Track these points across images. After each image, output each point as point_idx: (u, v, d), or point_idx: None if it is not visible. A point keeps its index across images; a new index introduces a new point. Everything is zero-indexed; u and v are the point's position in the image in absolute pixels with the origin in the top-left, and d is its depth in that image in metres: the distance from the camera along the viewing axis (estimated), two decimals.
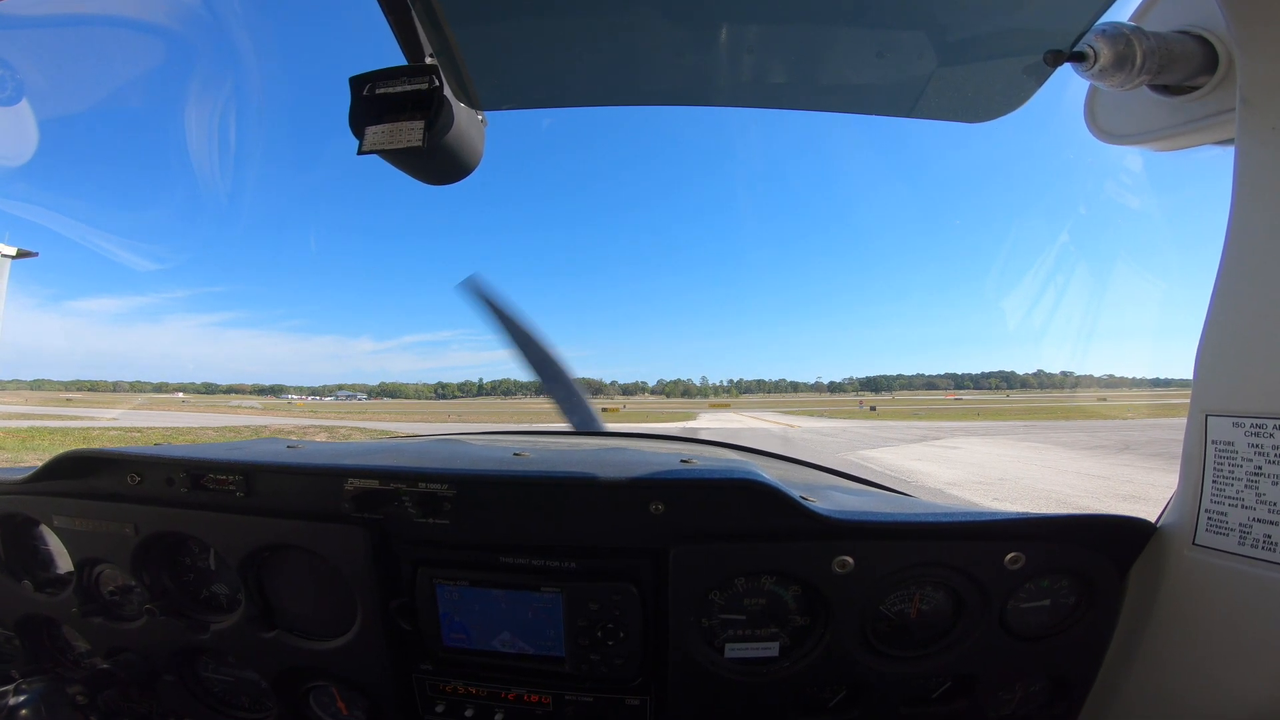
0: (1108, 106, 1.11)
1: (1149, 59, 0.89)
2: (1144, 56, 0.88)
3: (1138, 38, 0.88)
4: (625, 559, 1.09)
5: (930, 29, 1.00)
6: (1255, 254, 0.84)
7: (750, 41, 1.07)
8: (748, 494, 1.02)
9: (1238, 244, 0.86)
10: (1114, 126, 1.10)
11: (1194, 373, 0.92)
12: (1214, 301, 0.90)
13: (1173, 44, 0.90)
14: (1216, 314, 0.90)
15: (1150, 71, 0.90)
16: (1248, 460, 0.85)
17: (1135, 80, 0.91)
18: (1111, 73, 0.90)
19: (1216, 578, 0.89)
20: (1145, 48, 0.88)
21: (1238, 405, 0.86)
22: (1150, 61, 0.89)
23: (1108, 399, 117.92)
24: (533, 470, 1.08)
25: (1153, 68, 0.89)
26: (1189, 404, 0.94)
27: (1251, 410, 0.85)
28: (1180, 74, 0.93)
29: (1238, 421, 0.86)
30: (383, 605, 1.14)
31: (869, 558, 1.02)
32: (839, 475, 1.84)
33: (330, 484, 1.14)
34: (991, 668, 1.10)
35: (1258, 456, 0.84)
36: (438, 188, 1.28)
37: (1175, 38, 0.91)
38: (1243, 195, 0.84)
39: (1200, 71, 0.92)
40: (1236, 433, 0.86)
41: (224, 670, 1.34)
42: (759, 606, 1.09)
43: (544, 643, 1.11)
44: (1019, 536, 1.03)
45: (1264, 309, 0.83)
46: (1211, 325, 0.90)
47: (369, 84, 1.07)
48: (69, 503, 1.27)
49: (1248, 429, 0.85)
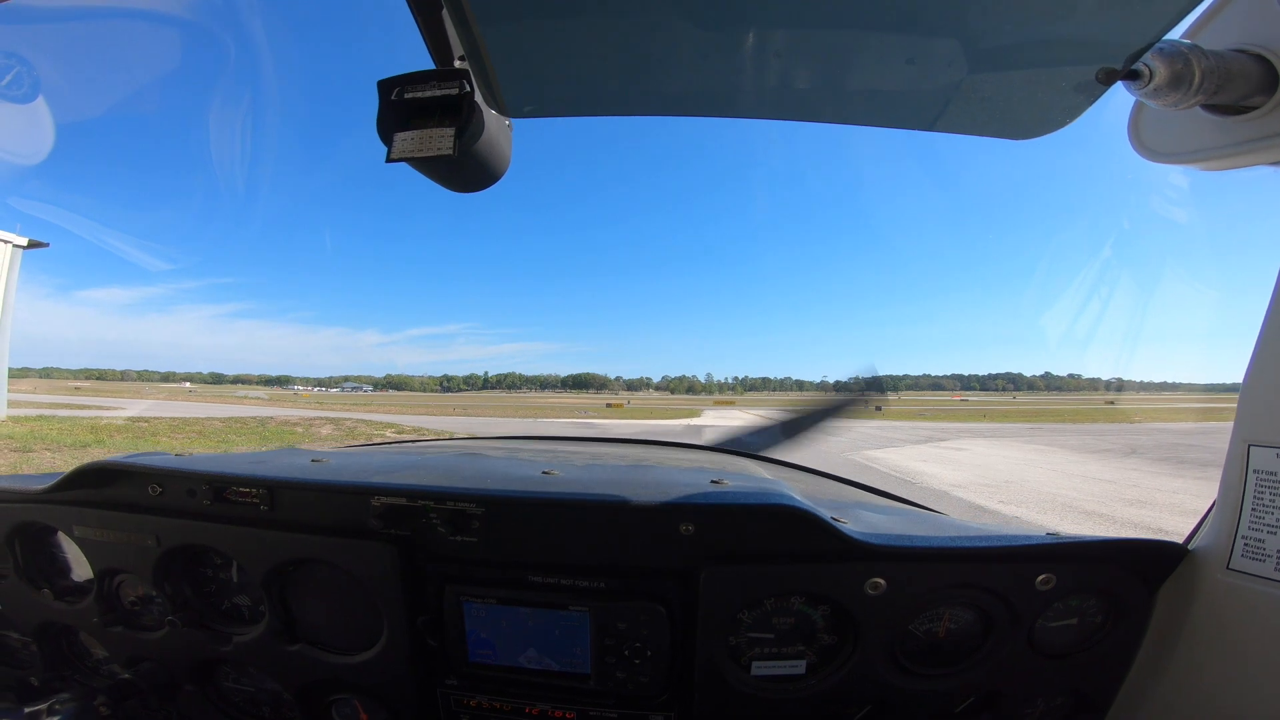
0: (1154, 124, 1.07)
1: (1207, 78, 0.85)
2: (1202, 76, 0.85)
3: (1196, 56, 0.85)
4: (654, 579, 1.08)
5: (970, 40, 0.96)
6: None
7: (778, 46, 1.04)
8: (781, 519, 1.01)
9: None
10: (1160, 145, 1.07)
11: (1239, 402, 0.93)
12: (1264, 332, 0.89)
13: (1231, 63, 0.87)
14: (1266, 345, 0.88)
15: (1207, 92, 0.87)
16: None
17: (1190, 100, 0.88)
18: (1166, 92, 0.87)
19: (1251, 602, 0.91)
20: (1204, 67, 0.85)
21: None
22: (1209, 81, 0.86)
23: (1116, 402, 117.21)
24: (564, 492, 1.07)
25: (1210, 88, 0.86)
26: (1230, 432, 0.95)
27: None
28: (1236, 94, 0.89)
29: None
30: (409, 621, 1.13)
31: (901, 579, 1.01)
32: (864, 489, 1.82)
33: (356, 499, 1.13)
34: (1017, 684, 1.10)
35: None
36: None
37: (1233, 56, 0.88)
38: None
39: (1258, 91, 0.89)
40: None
41: (245, 681, 1.33)
42: (787, 625, 1.08)
43: (570, 660, 1.10)
44: (1051, 558, 1.02)
45: None
46: (1260, 356, 0.90)
47: (397, 88, 1.03)
48: (89, 513, 1.26)
49: None
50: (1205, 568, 0.99)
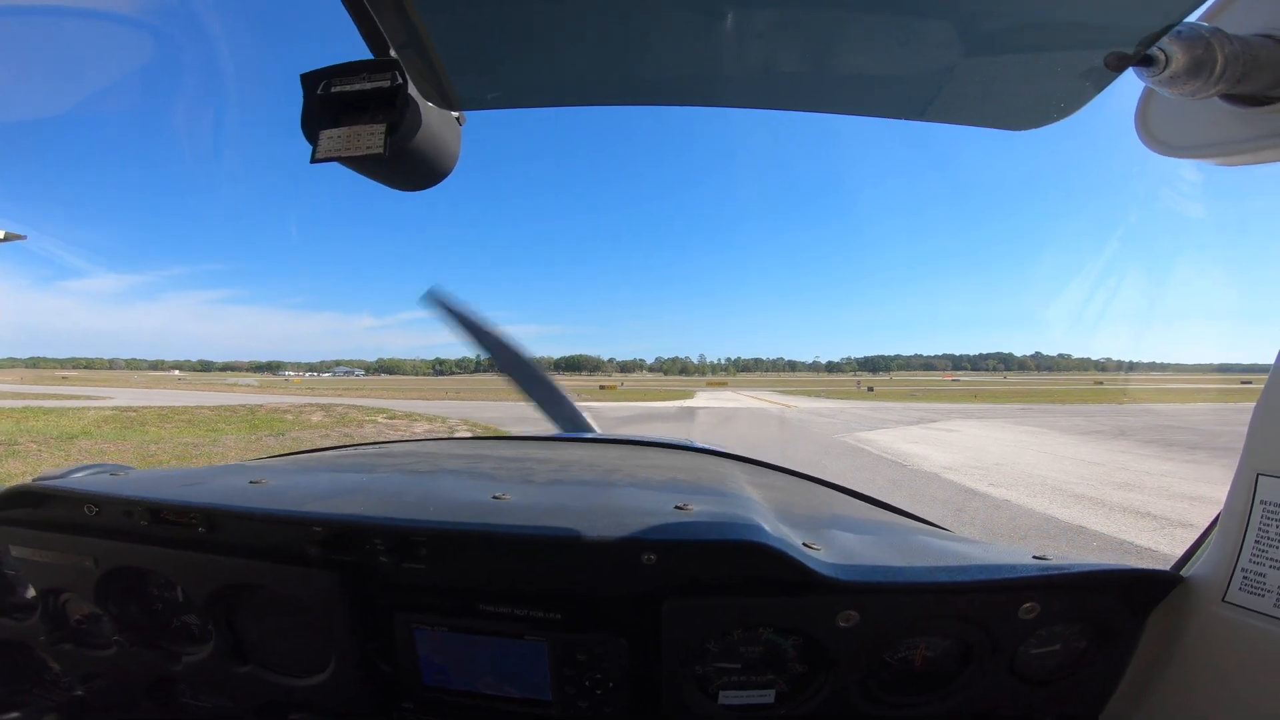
0: (1166, 115, 0.98)
1: (1230, 66, 0.76)
2: (1225, 63, 0.76)
3: (1219, 41, 0.75)
4: (614, 608, 1.02)
5: (967, 21, 0.86)
6: None
7: (760, 27, 0.95)
8: (746, 554, 0.94)
9: None
10: (1172, 137, 0.98)
11: (1249, 429, 0.88)
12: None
13: (1257, 49, 0.77)
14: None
15: (1230, 80, 0.77)
16: None
17: (1211, 89, 0.78)
18: (1184, 80, 0.78)
19: (1247, 635, 0.87)
20: (1228, 53, 0.75)
21: None
22: (1232, 69, 0.76)
23: (1104, 382, 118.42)
24: (513, 526, 0.99)
25: (1233, 77, 0.77)
26: (1239, 460, 0.90)
27: None
28: (1261, 83, 0.80)
29: None
30: (358, 647, 1.08)
31: (876, 611, 0.95)
32: (848, 494, 1.75)
33: (295, 526, 1.06)
34: (997, 711, 1.06)
35: None
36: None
37: (1259, 42, 0.78)
38: None
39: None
40: None
41: (202, 698, 1.28)
42: (756, 654, 1.02)
43: (529, 687, 1.05)
44: (1037, 587, 0.97)
45: None
46: (1274, 383, 0.83)
47: (324, 81, 0.94)
48: (26, 533, 1.20)
49: None
50: (1199, 598, 0.95)
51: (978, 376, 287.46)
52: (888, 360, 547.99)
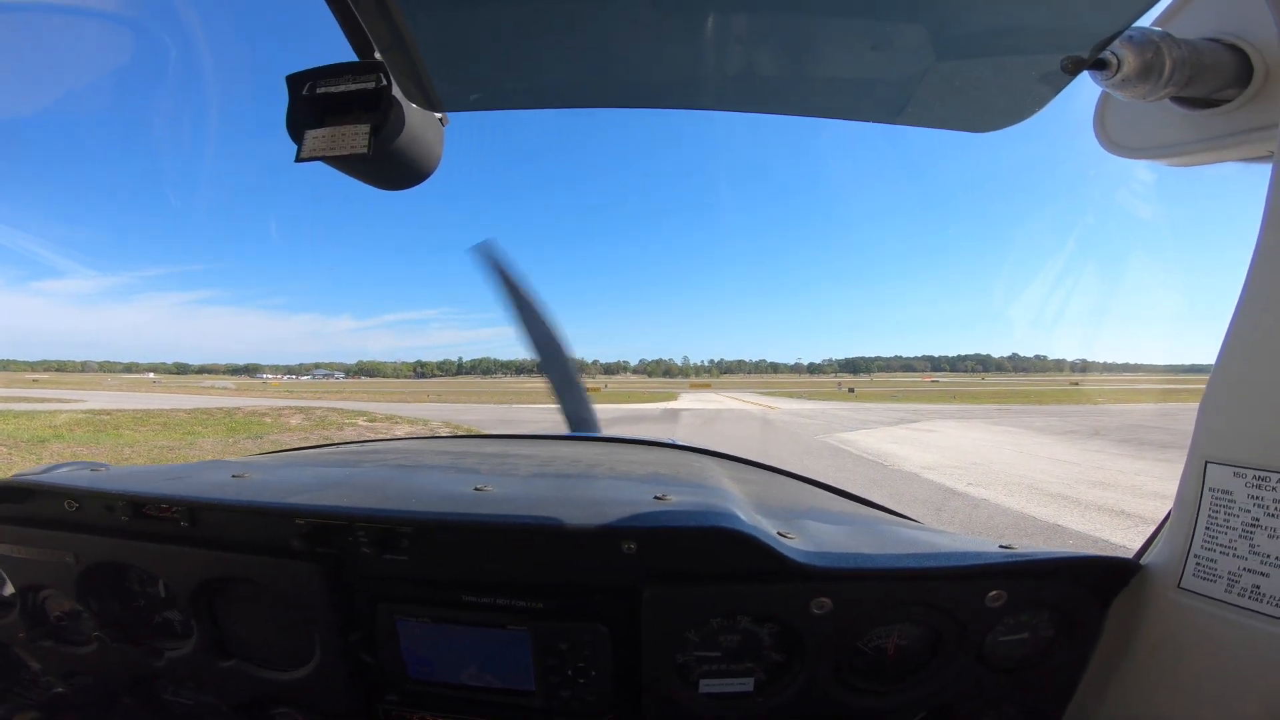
0: (1121, 117, 1.02)
1: (1179, 69, 0.80)
2: (1173, 67, 0.79)
3: (1168, 45, 0.79)
4: (595, 597, 1.04)
5: (936, 26, 0.90)
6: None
7: (738, 32, 0.97)
8: (722, 540, 0.96)
9: (1265, 280, 0.79)
10: (1126, 139, 1.02)
11: (1197, 417, 0.90)
12: (1228, 343, 0.84)
13: (1204, 53, 0.81)
14: (1229, 358, 0.85)
15: (1178, 83, 0.81)
16: (1245, 511, 0.83)
17: (1160, 92, 0.82)
18: (1135, 83, 0.82)
19: (1200, 621, 0.89)
20: (1176, 57, 0.79)
21: (1241, 456, 0.84)
22: (1180, 73, 0.80)
23: (1080, 383, 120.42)
24: (494, 514, 1.01)
25: (1181, 80, 0.81)
26: (1188, 448, 0.92)
27: (1256, 463, 0.82)
28: (1209, 86, 0.84)
29: (1239, 472, 0.84)
30: (341, 638, 1.08)
31: (848, 598, 0.98)
32: (823, 488, 1.78)
33: (279, 519, 1.07)
34: (967, 699, 1.09)
35: (1256, 508, 0.82)
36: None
37: (1206, 46, 0.82)
38: (1276, 225, 0.77)
39: (1230, 83, 0.84)
40: (1237, 483, 0.84)
41: (185, 694, 1.27)
42: (734, 643, 1.05)
43: (512, 676, 1.06)
44: (1003, 575, 1.00)
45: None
46: (1222, 369, 0.85)
47: (309, 82, 0.97)
48: (5, 529, 1.19)
49: (1249, 480, 0.83)
50: (1156, 585, 0.97)
51: (956, 378, 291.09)
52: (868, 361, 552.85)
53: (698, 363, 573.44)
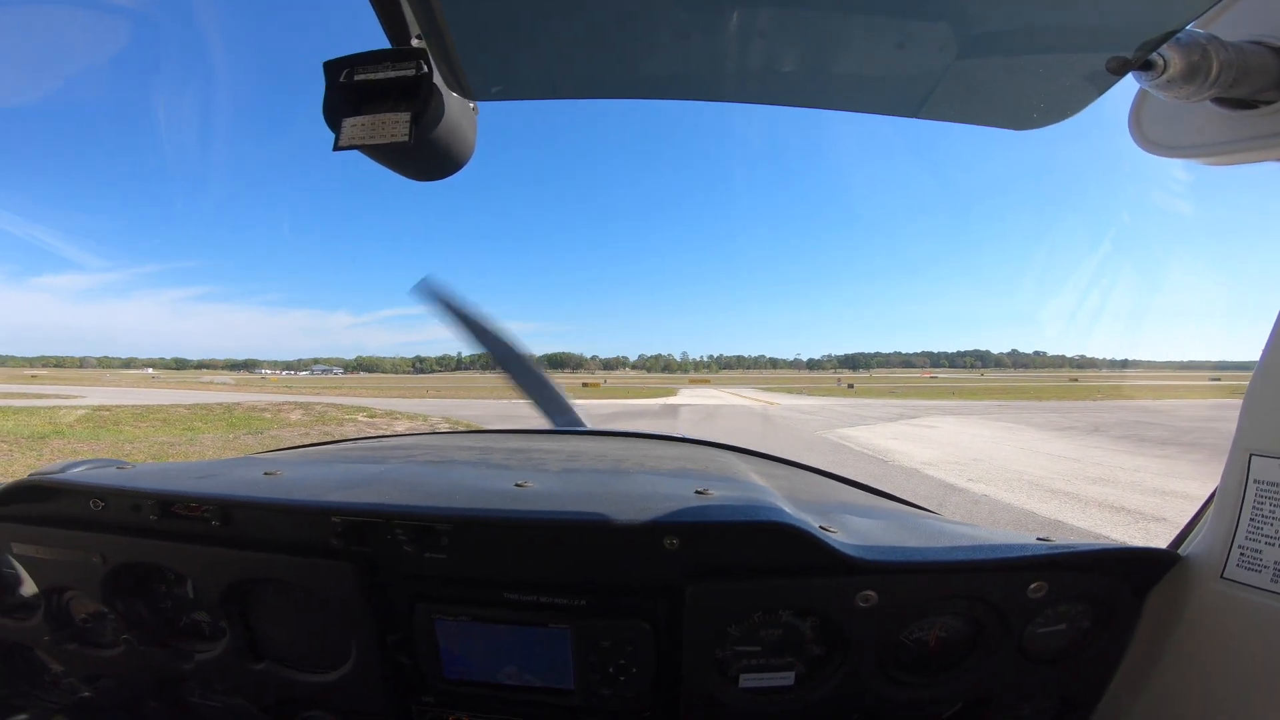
0: (1159, 117, 1.02)
1: (1225, 71, 0.80)
2: (1220, 68, 0.80)
3: (1215, 47, 0.79)
4: (637, 595, 1.03)
5: (971, 24, 0.90)
6: None
7: (763, 25, 0.97)
8: (771, 535, 0.97)
9: None
10: (1163, 138, 1.02)
11: (1241, 411, 0.91)
12: (1272, 341, 0.86)
13: (1249, 55, 0.81)
14: (1273, 353, 0.86)
15: (1223, 85, 0.81)
16: None
17: (1205, 93, 0.82)
18: (1180, 84, 0.82)
19: (1244, 610, 0.90)
20: (1222, 59, 0.79)
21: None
22: (1226, 74, 0.80)
23: (1079, 379, 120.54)
24: (540, 511, 1.01)
25: (1226, 81, 0.81)
26: (1231, 440, 0.93)
27: None
28: (1252, 87, 0.84)
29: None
30: (378, 639, 1.08)
31: (893, 592, 0.98)
32: (850, 484, 1.78)
33: (315, 517, 1.06)
34: (1006, 690, 1.10)
35: None
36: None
37: (1251, 48, 0.82)
38: None
39: (1273, 85, 0.84)
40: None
41: (213, 696, 1.26)
42: (775, 637, 1.05)
43: (551, 675, 1.05)
44: (1044, 566, 1.01)
45: None
46: (1266, 364, 0.87)
47: (347, 69, 0.94)
48: (28, 530, 1.17)
49: None
50: (1197, 575, 0.99)
51: (955, 374, 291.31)
52: (868, 358, 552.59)
53: (697, 358, 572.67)
